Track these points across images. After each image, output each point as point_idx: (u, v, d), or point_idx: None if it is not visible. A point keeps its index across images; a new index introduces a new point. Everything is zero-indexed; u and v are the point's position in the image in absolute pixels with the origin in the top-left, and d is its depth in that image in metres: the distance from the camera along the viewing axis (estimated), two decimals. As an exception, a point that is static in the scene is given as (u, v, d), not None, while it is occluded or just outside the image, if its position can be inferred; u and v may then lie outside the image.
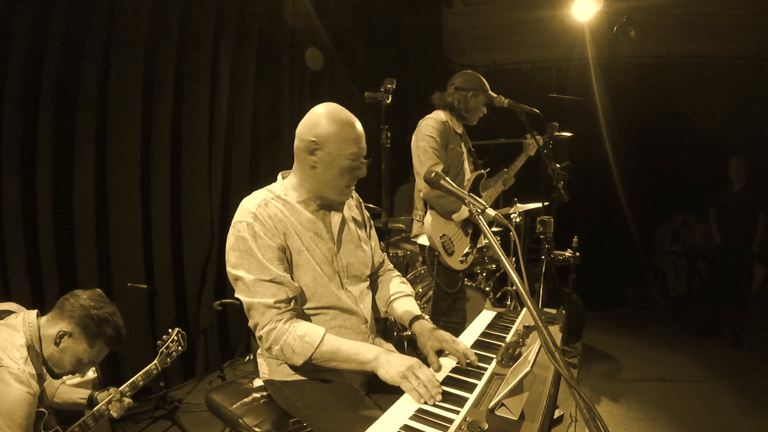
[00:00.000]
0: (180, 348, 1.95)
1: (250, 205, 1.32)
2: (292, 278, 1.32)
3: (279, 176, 1.46)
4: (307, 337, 1.24)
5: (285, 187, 1.40)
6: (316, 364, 1.27)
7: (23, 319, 1.43)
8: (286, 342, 1.24)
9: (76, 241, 2.47)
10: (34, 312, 1.48)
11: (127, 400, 1.68)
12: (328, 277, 1.38)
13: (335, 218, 1.45)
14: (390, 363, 1.22)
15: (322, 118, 1.32)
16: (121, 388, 1.70)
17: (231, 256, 1.30)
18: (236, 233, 1.29)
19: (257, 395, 1.47)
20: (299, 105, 3.83)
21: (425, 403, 1.12)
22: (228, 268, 1.31)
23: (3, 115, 2.17)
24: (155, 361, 1.86)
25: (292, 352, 1.25)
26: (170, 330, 1.95)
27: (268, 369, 1.43)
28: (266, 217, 1.30)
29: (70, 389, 1.72)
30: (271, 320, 1.25)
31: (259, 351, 1.47)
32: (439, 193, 2.28)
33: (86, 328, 1.47)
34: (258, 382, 1.52)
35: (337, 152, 1.30)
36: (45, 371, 1.45)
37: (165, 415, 2.58)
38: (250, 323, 1.30)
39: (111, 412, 1.63)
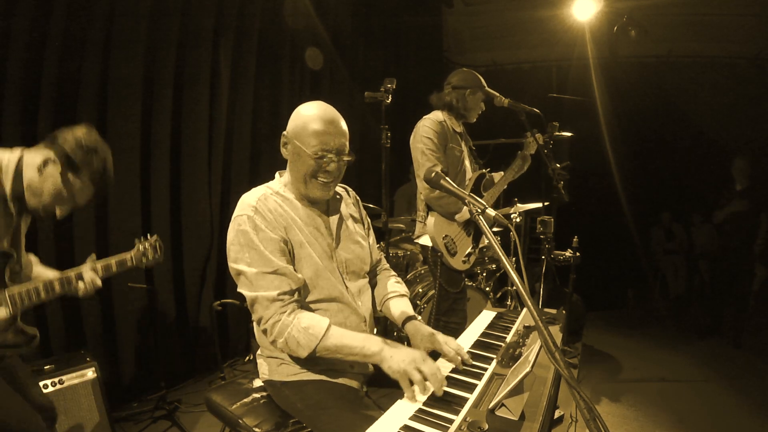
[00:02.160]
0: (156, 255, 1.78)
1: (250, 199, 1.33)
2: (295, 270, 1.32)
3: (277, 174, 1.48)
4: (311, 329, 1.24)
5: (282, 184, 1.42)
6: (320, 356, 1.27)
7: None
8: (291, 334, 1.24)
9: (76, 241, 2.47)
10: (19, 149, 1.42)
11: (97, 281, 1.55)
12: (330, 271, 1.38)
13: (333, 215, 1.46)
14: (393, 357, 1.22)
15: (294, 114, 1.38)
16: (95, 265, 1.58)
17: (232, 251, 1.30)
18: (237, 227, 1.29)
19: (257, 395, 1.47)
20: (299, 105, 3.82)
21: (431, 395, 1.10)
22: (230, 263, 1.31)
23: (3, 115, 2.17)
24: (131, 252, 1.73)
25: (297, 344, 1.25)
26: (149, 235, 1.80)
27: (268, 369, 1.42)
28: (267, 211, 1.31)
29: (45, 269, 1.63)
30: (275, 313, 1.25)
31: (258, 351, 1.47)
32: (439, 195, 2.28)
33: (74, 155, 1.40)
34: (258, 383, 1.52)
35: (301, 145, 1.33)
36: (14, 206, 1.39)
37: (165, 416, 2.57)
38: (254, 317, 1.30)
39: (78, 287, 1.51)
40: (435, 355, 1.37)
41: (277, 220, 1.31)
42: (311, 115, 1.34)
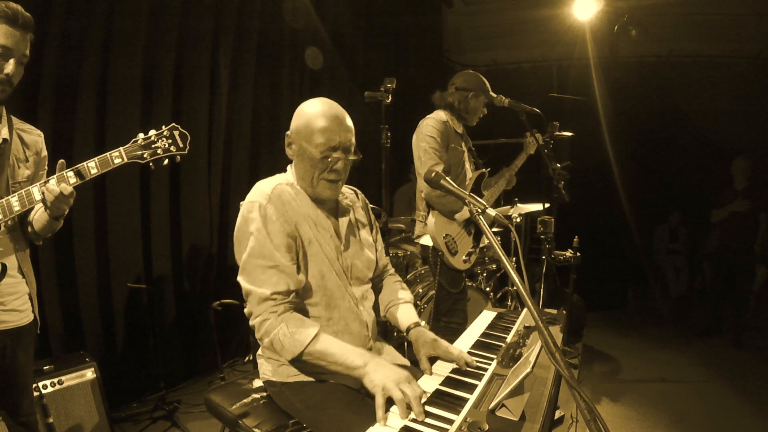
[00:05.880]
0: (173, 148, 1.46)
1: (265, 187, 1.30)
2: (300, 268, 1.30)
3: (288, 167, 1.44)
4: (297, 334, 1.21)
5: (294, 177, 1.40)
6: (306, 361, 1.24)
7: None
8: (276, 336, 1.22)
9: (75, 241, 2.46)
10: None
11: (64, 189, 1.31)
12: (336, 273, 1.37)
13: (342, 218, 1.44)
14: (377, 371, 1.15)
15: (298, 112, 1.35)
16: (65, 171, 1.35)
17: (238, 236, 1.28)
18: (246, 214, 1.26)
19: (257, 396, 1.47)
20: (299, 105, 3.81)
21: (413, 420, 1.03)
22: (235, 248, 1.29)
23: (2, 115, 2.17)
24: (121, 149, 1.44)
25: (282, 347, 1.22)
26: (163, 126, 1.49)
27: (268, 370, 1.42)
28: (280, 202, 1.28)
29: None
30: (265, 311, 1.23)
31: (259, 351, 1.46)
32: (441, 192, 2.27)
33: None
34: (258, 383, 1.51)
35: (306, 143, 1.30)
36: None
37: (164, 416, 2.57)
38: (246, 310, 1.28)
39: (45, 190, 1.31)
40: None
41: (290, 213, 1.29)
42: (315, 112, 1.31)
